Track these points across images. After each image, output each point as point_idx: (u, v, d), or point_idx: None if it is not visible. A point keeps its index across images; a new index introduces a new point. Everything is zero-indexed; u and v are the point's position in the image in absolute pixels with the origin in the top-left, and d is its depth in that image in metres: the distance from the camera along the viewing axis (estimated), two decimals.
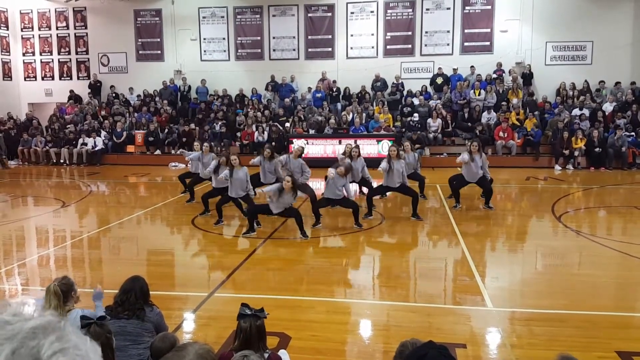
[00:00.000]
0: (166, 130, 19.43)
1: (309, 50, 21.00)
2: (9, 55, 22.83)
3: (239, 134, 19.03)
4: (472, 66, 19.54)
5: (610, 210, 11.53)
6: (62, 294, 3.79)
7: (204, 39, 21.57)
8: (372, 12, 20.37)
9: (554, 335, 5.09)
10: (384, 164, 9.82)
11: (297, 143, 15.29)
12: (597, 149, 16.46)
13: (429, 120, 18.41)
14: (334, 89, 20.24)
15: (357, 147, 10.87)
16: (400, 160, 10.03)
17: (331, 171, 9.31)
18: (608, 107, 18.18)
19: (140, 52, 22.13)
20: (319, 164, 14.94)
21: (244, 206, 9.98)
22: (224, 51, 21.54)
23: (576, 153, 16.62)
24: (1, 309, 0.77)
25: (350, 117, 18.84)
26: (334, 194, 9.39)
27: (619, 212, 11.33)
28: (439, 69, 19.83)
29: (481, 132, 17.62)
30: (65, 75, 23.01)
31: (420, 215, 9.97)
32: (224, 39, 21.46)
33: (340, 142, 17.03)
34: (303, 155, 11.26)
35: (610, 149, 16.39)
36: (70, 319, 3.61)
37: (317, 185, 12.73)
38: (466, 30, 19.88)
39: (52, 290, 3.78)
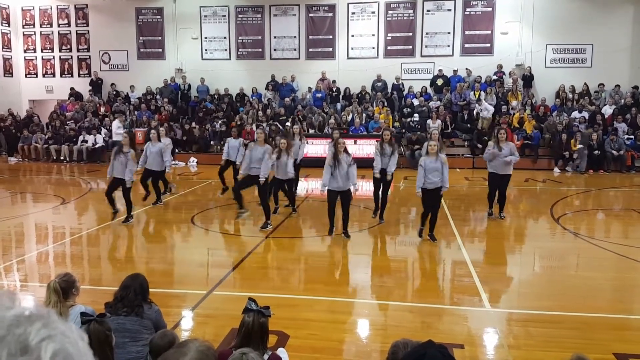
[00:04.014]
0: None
1: (310, 50, 21.01)
2: (10, 51, 22.82)
3: None
4: (466, 68, 19.58)
5: (609, 213, 11.56)
6: (62, 291, 3.80)
7: (205, 37, 21.58)
8: (373, 12, 20.39)
9: (551, 336, 5.12)
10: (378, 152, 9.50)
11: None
12: (596, 152, 16.49)
13: (429, 121, 18.41)
14: (334, 89, 20.26)
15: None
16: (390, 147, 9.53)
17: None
18: (607, 110, 18.22)
19: (142, 50, 22.14)
20: (319, 163, 14.96)
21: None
22: (225, 50, 21.55)
23: (575, 155, 16.65)
24: None
25: (350, 117, 18.87)
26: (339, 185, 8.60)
27: (617, 215, 11.37)
28: (439, 70, 19.85)
29: (481, 132, 17.65)
30: (66, 73, 23.00)
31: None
32: (225, 38, 21.48)
33: None
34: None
35: (609, 151, 16.41)
36: (72, 315, 3.63)
37: (317, 185, 12.71)
38: (467, 32, 19.90)
39: (51, 287, 3.80)
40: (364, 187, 11.80)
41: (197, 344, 1.97)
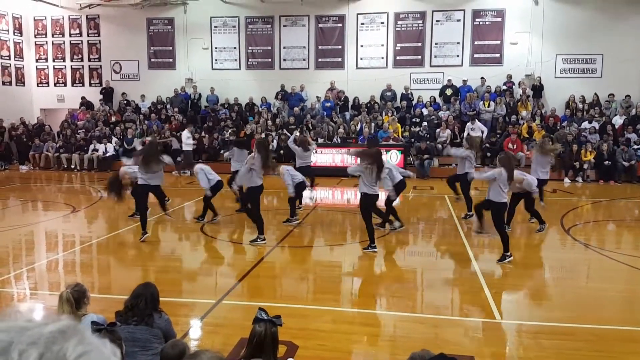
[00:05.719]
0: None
1: (319, 60, 21.10)
2: (22, 61, 23.07)
3: None
4: (482, 77, 19.56)
5: (619, 224, 11.46)
6: (75, 301, 3.83)
7: (216, 47, 21.73)
8: (382, 23, 20.47)
9: (561, 348, 5.08)
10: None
11: None
12: (606, 162, 16.41)
13: (438, 130, 18.42)
14: (342, 99, 20.32)
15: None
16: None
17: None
18: (618, 120, 18.13)
19: (152, 60, 22.32)
20: (328, 172, 15.00)
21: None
22: (235, 60, 21.69)
23: (585, 166, 16.57)
24: (12, 316, 0.74)
25: (358, 127, 18.91)
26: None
27: (627, 226, 11.28)
28: (449, 80, 19.87)
29: (492, 143, 17.59)
30: (77, 82, 23.23)
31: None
32: (235, 48, 21.62)
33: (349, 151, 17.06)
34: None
35: (620, 162, 16.31)
36: (84, 324, 3.65)
37: (326, 194, 12.69)
38: (476, 42, 19.92)
39: (64, 297, 3.82)
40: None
41: (209, 355, 1.98)
